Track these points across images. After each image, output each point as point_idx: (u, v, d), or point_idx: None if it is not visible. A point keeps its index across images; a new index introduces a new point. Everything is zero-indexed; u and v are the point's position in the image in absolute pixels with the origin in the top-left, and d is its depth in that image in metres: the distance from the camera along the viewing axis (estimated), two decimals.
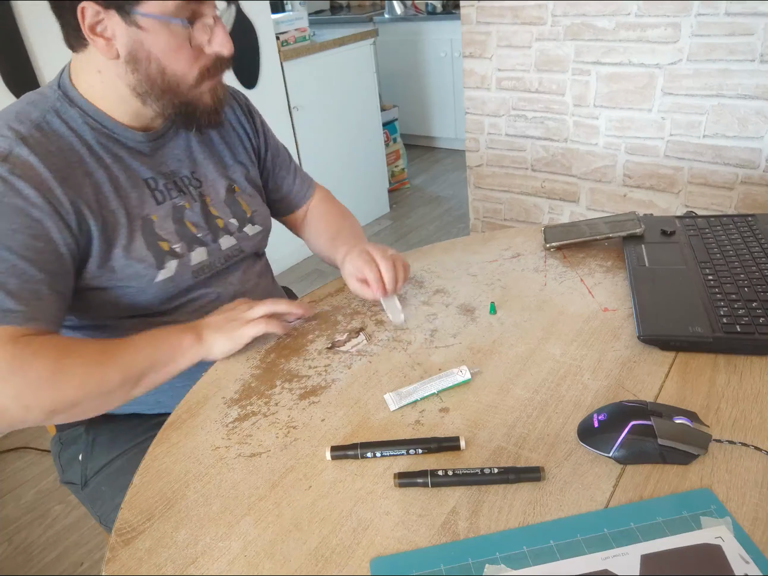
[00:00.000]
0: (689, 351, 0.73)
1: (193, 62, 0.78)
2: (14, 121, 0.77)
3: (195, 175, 0.92)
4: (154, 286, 0.85)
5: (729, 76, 1.72)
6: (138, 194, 0.84)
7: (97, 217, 0.80)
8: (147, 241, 0.84)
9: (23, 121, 0.77)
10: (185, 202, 0.89)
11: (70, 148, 0.79)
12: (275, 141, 1.08)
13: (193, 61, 0.78)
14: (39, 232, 0.74)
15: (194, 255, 0.89)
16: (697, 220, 1.01)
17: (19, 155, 0.74)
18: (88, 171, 0.80)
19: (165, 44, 0.75)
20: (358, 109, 2.97)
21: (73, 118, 0.80)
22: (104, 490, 0.89)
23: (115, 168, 0.82)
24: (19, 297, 0.71)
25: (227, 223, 0.94)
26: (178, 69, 0.78)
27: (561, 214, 2.26)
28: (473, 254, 1.04)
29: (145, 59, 0.76)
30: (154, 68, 0.77)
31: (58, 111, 0.80)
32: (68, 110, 0.80)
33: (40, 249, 0.74)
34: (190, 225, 0.90)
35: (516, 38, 2.06)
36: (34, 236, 0.73)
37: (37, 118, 0.78)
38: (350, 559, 0.53)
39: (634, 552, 0.50)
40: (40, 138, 0.77)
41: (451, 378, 0.72)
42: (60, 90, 0.82)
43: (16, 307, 0.71)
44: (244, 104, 1.02)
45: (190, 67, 0.78)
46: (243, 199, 0.97)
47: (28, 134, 0.76)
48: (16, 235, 0.72)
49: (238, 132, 0.99)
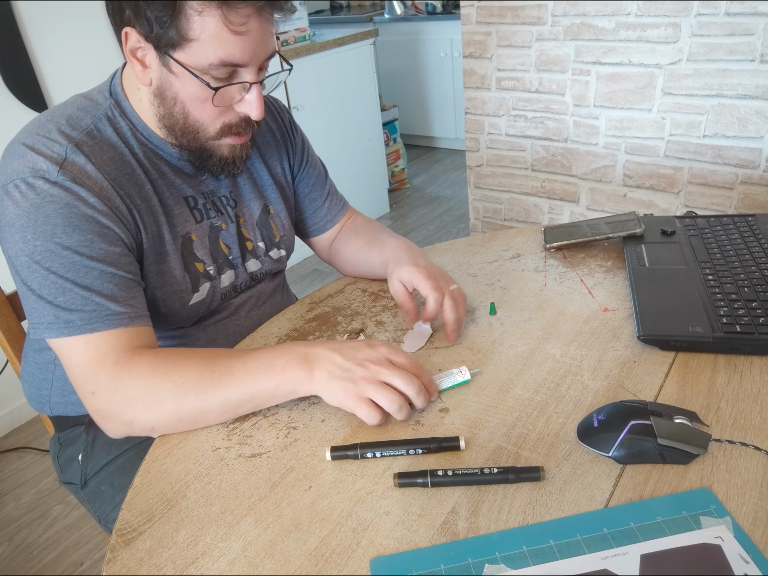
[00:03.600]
0: (689, 351, 0.73)
1: (218, 116, 0.76)
2: (66, 126, 0.75)
3: (232, 195, 0.90)
4: (189, 309, 0.85)
5: (729, 76, 1.72)
6: (180, 211, 0.83)
7: (147, 231, 0.78)
8: (185, 262, 0.83)
9: (75, 126, 0.75)
10: (222, 222, 0.88)
11: (122, 158, 0.77)
12: (314, 160, 1.03)
13: (218, 115, 0.76)
14: (113, 238, 0.73)
15: (224, 277, 0.88)
16: (697, 220, 1.01)
17: (75, 162, 0.72)
18: (139, 183, 0.78)
19: (191, 93, 0.73)
20: (358, 109, 2.97)
21: (124, 129, 0.78)
22: (104, 490, 0.89)
23: (160, 183, 0.81)
24: (118, 299, 0.71)
25: (255, 246, 0.93)
26: (201, 118, 0.76)
27: (561, 214, 2.26)
28: (473, 254, 1.04)
29: (171, 99, 0.74)
30: (178, 110, 0.75)
31: (111, 120, 0.78)
32: (120, 121, 0.78)
33: (119, 253, 0.73)
34: (224, 246, 0.88)
35: (516, 38, 2.06)
36: (110, 242, 0.73)
37: (88, 125, 0.76)
38: (350, 559, 0.53)
39: (634, 552, 0.50)
40: (93, 146, 0.75)
41: (451, 378, 0.72)
42: (112, 98, 0.79)
43: (120, 309, 0.71)
44: (288, 120, 0.99)
45: (213, 120, 0.76)
46: (275, 222, 0.95)
47: (81, 141, 0.74)
48: (93, 244, 0.71)
49: (279, 151, 0.96)
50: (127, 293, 0.73)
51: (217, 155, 0.80)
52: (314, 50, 2.64)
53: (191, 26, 0.67)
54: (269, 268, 0.96)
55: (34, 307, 0.71)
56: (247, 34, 0.69)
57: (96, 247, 0.71)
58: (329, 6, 4.54)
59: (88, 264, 0.70)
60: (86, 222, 0.71)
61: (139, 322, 0.73)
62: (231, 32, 0.68)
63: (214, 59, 0.69)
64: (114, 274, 0.72)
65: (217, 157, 0.80)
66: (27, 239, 0.70)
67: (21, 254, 0.70)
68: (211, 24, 0.67)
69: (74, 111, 0.77)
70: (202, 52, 0.69)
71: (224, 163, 0.81)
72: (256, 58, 0.72)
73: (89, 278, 0.70)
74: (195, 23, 0.67)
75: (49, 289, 0.70)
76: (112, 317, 0.71)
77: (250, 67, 0.72)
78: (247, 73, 0.73)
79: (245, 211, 0.91)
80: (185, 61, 0.70)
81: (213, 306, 0.88)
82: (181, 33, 0.68)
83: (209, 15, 0.66)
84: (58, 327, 0.70)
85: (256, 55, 0.71)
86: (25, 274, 0.71)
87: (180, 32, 0.68)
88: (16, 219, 0.70)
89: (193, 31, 0.67)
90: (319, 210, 1.03)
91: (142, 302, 0.76)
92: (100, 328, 0.70)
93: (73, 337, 0.70)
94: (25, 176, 0.70)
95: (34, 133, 0.74)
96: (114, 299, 0.71)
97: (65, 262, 0.70)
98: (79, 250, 0.70)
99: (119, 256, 0.73)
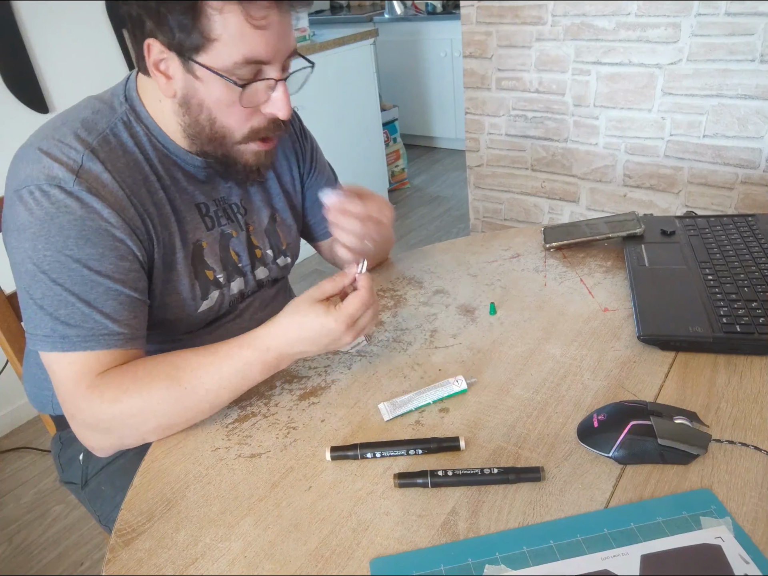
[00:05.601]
0: (689, 351, 0.73)
1: (245, 120, 0.75)
2: (82, 130, 0.73)
3: (243, 202, 0.89)
4: (197, 316, 0.84)
5: (729, 76, 1.72)
6: (191, 218, 0.82)
7: (159, 239, 0.78)
8: (196, 269, 0.83)
9: (90, 130, 0.74)
10: (233, 230, 0.87)
11: (136, 164, 0.76)
12: (323, 166, 1.02)
13: (245, 118, 0.75)
14: (124, 252, 0.72)
15: (234, 285, 0.88)
16: (697, 220, 1.01)
17: (90, 170, 0.71)
18: (152, 190, 0.77)
19: (218, 97, 0.72)
20: (358, 109, 2.97)
21: (140, 134, 0.77)
22: (104, 490, 0.89)
23: (172, 189, 0.80)
24: (118, 319, 0.71)
25: (264, 254, 0.92)
26: (228, 123, 0.75)
27: (561, 214, 2.26)
28: (473, 254, 1.04)
29: (197, 106, 0.74)
30: (204, 117, 0.74)
31: (127, 124, 0.77)
32: (135, 126, 0.77)
33: (128, 268, 0.73)
34: (234, 254, 0.88)
35: (516, 38, 2.06)
36: (121, 257, 0.72)
37: (104, 129, 0.75)
38: (350, 560, 0.53)
39: (634, 552, 0.50)
40: (109, 151, 0.74)
41: (447, 388, 0.71)
42: (127, 103, 0.78)
43: (117, 329, 0.71)
44: (298, 127, 0.98)
45: (240, 124, 0.75)
46: (282, 230, 0.95)
47: (97, 146, 0.73)
48: (104, 259, 0.70)
49: (289, 158, 0.95)
50: (129, 313, 0.73)
51: (242, 162, 0.79)
52: (314, 50, 2.63)
53: (213, 26, 0.67)
54: (276, 275, 0.96)
55: (32, 317, 0.70)
56: (268, 28, 0.68)
57: (106, 262, 0.71)
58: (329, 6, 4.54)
59: (96, 279, 0.70)
60: (99, 236, 0.70)
61: (133, 344, 0.73)
62: (253, 27, 0.67)
63: (238, 57, 0.69)
64: (120, 292, 0.72)
65: (242, 164, 0.79)
66: (37, 248, 0.69)
67: (28, 262, 0.70)
68: (232, 21, 0.66)
69: (89, 114, 0.76)
70: (225, 51, 0.68)
71: (249, 171, 0.80)
72: (279, 54, 0.71)
73: (94, 294, 0.70)
74: (216, 22, 0.66)
75: (52, 300, 0.69)
76: (108, 337, 0.70)
77: (274, 65, 0.72)
78: (272, 71, 0.72)
79: (255, 218, 0.91)
80: (210, 63, 0.69)
81: (221, 312, 0.88)
82: (204, 34, 0.67)
83: (230, 12, 0.66)
84: (53, 341, 0.69)
85: (279, 50, 0.71)
86: (28, 282, 0.70)
87: (202, 34, 0.67)
88: (29, 226, 0.69)
89: (215, 31, 0.67)
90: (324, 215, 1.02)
91: (142, 323, 0.75)
92: (94, 346, 0.70)
93: (64, 354, 0.69)
94: (40, 183, 0.69)
95: (49, 137, 0.73)
96: (114, 319, 0.71)
97: (73, 275, 0.69)
98: (88, 264, 0.70)
99: (128, 272, 0.73)
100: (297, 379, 0.78)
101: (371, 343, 0.83)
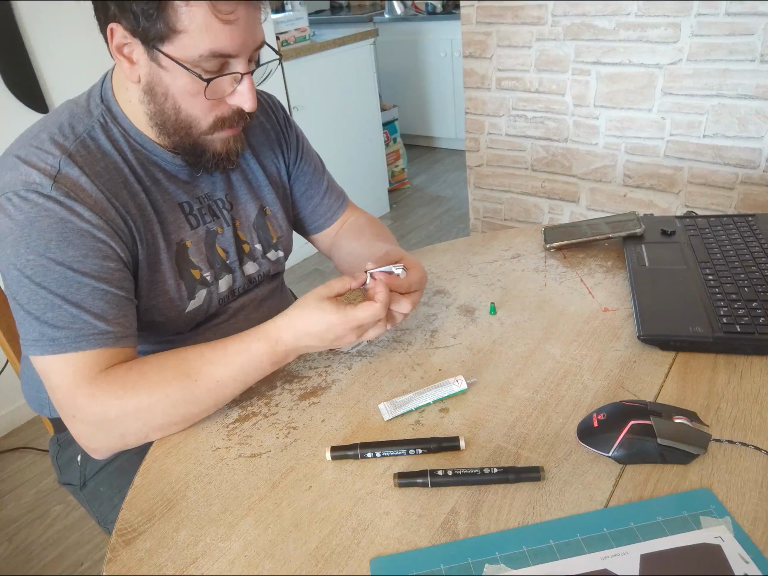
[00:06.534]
0: (689, 351, 0.73)
1: (210, 110, 0.74)
2: (59, 135, 0.73)
3: (228, 197, 0.88)
4: (186, 317, 0.84)
5: (729, 76, 1.72)
6: (174, 218, 0.81)
7: (142, 241, 0.77)
8: (181, 269, 0.82)
9: (67, 135, 0.74)
10: (218, 226, 0.86)
11: (115, 167, 0.76)
12: (310, 156, 1.01)
13: (210, 109, 0.74)
14: (108, 252, 0.72)
15: (222, 283, 0.88)
16: (697, 220, 1.01)
17: (68, 174, 0.71)
18: (133, 192, 0.77)
19: (182, 87, 0.71)
20: (358, 109, 2.97)
21: (117, 137, 0.77)
22: (103, 491, 0.89)
23: (154, 190, 0.79)
24: (107, 318, 0.71)
25: (252, 249, 0.92)
26: (193, 112, 0.74)
27: (561, 214, 2.26)
28: (473, 255, 1.04)
29: (162, 94, 0.73)
30: (169, 105, 0.74)
31: (104, 127, 0.76)
32: (112, 128, 0.77)
33: (113, 268, 0.72)
34: (220, 251, 0.87)
35: (516, 38, 2.06)
36: (104, 257, 0.71)
37: (81, 133, 0.75)
38: (350, 559, 0.53)
39: (634, 552, 0.50)
40: (87, 156, 0.73)
41: (447, 388, 0.71)
42: (104, 104, 0.78)
43: (107, 328, 0.70)
44: (282, 117, 0.97)
45: (205, 113, 0.74)
46: (271, 223, 0.94)
47: (75, 151, 0.73)
48: (87, 259, 0.70)
49: (274, 150, 0.94)
50: (118, 311, 0.72)
51: (211, 150, 0.78)
52: (314, 50, 2.64)
53: (179, 18, 0.66)
54: (267, 270, 0.95)
55: (22, 323, 0.70)
56: (236, 23, 0.68)
57: (89, 263, 0.70)
58: (329, 6, 4.54)
59: (81, 280, 0.69)
60: (81, 237, 0.70)
61: (124, 342, 0.72)
62: (220, 21, 0.67)
63: (204, 50, 0.68)
64: (106, 291, 0.71)
65: (211, 153, 0.79)
66: (19, 253, 0.68)
67: (12, 268, 0.69)
68: (199, 14, 0.66)
69: (66, 119, 0.76)
70: (191, 43, 0.68)
71: (218, 159, 0.80)
72: (246, 48, 0.71)
73: (80, 295, 0.69)
74: (183, 14, 0.66)
75: (38, 304, 0.69)
76: (98, 336, 0.70)
77: (241, 58, 0.71)
78: (238, 64, 0.72)
79: (241, 213, 0.90)
80: (175, 54, 0.69)
81: (211, 311, 0.88)
82: (169, 25, 0.67)
83: (197, 5, 0.65)
84: (42, 345, 0.69)
85: (246, 44, 0.71)
86: (15, 288, 0.70)
87: (168, 24, 0.66)
88: (9, 232, 0.69)
89: (181, 23, 0.66)
90: (317, 208, 1.02)
91: (131, 321, 0.75)
92: (85, 347, 0.69)
93: (56, 356, 0.69)
94: (17, 189, 0.69)
95: (27, 145, 0.73)
96: (103, 318, 0.70)
97: (57, 277, 0.69)
98: (72, 266, 0.69)
99: (113, 272, 0.72)
100: (297, 379, 0.78)
101: (371, 343, 0.83)
